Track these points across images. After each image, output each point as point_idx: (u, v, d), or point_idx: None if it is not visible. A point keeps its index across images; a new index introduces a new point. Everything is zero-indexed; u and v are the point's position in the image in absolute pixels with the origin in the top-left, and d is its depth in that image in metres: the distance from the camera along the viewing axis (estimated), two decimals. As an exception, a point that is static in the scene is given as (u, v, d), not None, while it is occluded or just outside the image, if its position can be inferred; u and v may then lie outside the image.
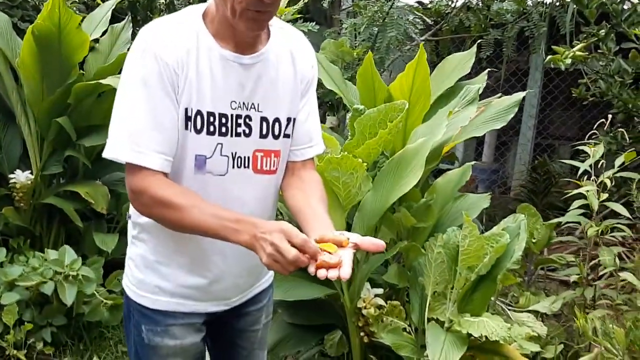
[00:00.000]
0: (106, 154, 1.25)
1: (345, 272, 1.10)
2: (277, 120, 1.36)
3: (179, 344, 1.44)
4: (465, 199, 2.61)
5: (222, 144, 1.29)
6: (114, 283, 2.99)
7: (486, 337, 1.91)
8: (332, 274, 1.09)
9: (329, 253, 1.13)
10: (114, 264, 3.01)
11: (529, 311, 2.71)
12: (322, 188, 1.44)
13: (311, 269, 1.11)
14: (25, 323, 2.62)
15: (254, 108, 1.33)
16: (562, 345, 2.49)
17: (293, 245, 1.10)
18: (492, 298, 2.48)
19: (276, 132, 1.37)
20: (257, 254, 1.15)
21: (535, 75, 5.14)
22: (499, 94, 2.84)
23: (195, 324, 1.46)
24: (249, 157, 1.34)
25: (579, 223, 2.74)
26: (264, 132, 1.35)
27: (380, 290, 2.27)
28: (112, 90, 2.67)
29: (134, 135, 1.23)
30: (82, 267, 2.77)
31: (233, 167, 1.33)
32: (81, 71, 3.09)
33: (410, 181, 2.08)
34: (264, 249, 1.12)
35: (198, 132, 1.27)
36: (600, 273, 2.54)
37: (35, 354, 2.64)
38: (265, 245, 1.12)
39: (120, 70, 1.31)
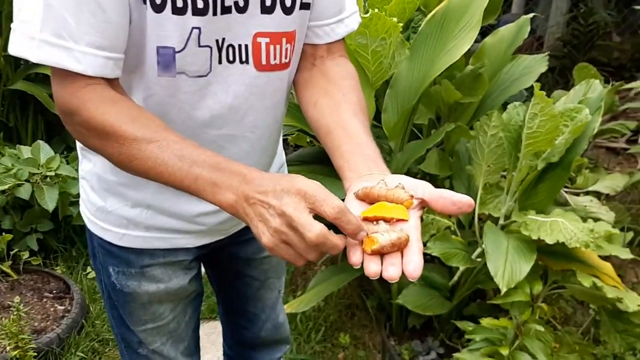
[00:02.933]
0: (11, 49, 0.76)
1: (414, 263, 0.66)
2: None
3: (163, 288, 1.06)
4: (517, 63, 2.10)
5: (199, 28, 0.80)
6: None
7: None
8: (392, 273, 0.65)
9: (384, 221, 0.69)
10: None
11: (587, 192, 2.32)
12: (360, 90, 0.95)
13: (355, 258, 0.67)
14: (4, 234, 2.26)
15: None
16: (631, 233, 2.10)
17: (317, 218, 0.66)
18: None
19: (288, 1, 0.86)
20: (250, 226, 0.71)
21: None
22: None
23: (181, 262, 1.07)
24: (247, 46, 0.85)
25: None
26: (269, 2, 0.84)
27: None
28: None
29: (51, 20, 0.73)
30: (61, 165, 2.36)
31: (220, 62, 0.85)
32: None
33: (462, 45, 1.57)
34: (267, 221, 0.68)
35: (158, 8, 0.77)
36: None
37: (22, 265, 2.31)
38: (269, 215, 0.67)
39: None
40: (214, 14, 0.80)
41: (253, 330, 1.32)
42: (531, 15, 2.04)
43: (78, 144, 1.01)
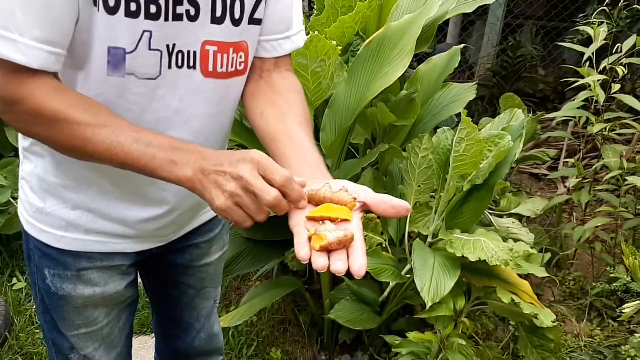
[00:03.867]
0: None
1: (359, 263, 0.71)
2: None
3: (99, 292, 1.07)
4: (448, 90, 2.22)
5: (150, 31, 0.83)
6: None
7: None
8: (338, 267, 0.70)
9: (330, 221, 0.74)
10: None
11: (510, 214, 2.45)
12: (305, 103, 1.00)
13: (303, 253, 0.71)
14: None
15: None
16: (549, 254, 2.24)
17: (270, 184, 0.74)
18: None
19: (237, 15, 0.91)
20: (204, 197, 0.76)
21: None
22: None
23: (119, 266, 1.08)
24: (195, 53, 0.89)
25: (572, 118, 2.41)
26: (219, 13, 0.89)
27: (353, 202, 1.91)
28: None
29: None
30: (-12, 172, 2.28)
31: (170, 66, 0.88)
32: None
33: (397, 70, 1.65)
34: (222, 186, 0.74)
35: (112, 11, 0.80)
36: (599, 174, 2.25)
37: (-59, 276, 2.21)
38: (224, 181, 0.74)
39: None
40: (166, 19, 0.83)
41: (187, 340, 1.33)
42: (462, 45, 2.16)
43: (20, 145, 1.00)
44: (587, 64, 2.21)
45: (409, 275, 1.77)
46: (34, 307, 2.10)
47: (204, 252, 1.22)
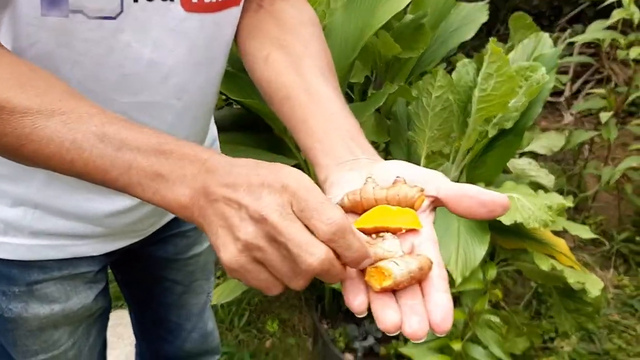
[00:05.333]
0: None
1: (444, 311, 0.43)
2: None
3: (59, 310, 0.79)
4: (457, 12, 1.89)
5: None
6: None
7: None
8: (417, 327, 0.42)
9: (389, 232, 0.47)
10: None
11: (523, 153, 2.20)
12: (325, 41, 0.69)
13: (358, 302, 0.45)
14: None
15: None
16: (570, 198, 2.00)
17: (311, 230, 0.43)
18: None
19: None
20: (207, 233, 0.47)
21: None
22: None
23: (84, 274, 0.80)
24: None
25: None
26: None
27: (355, 153, 1.62)
28: None
29: None
30: None
31: None
32: None
33: (409, -10, 1.32)
34: (233, 227, 0.44)
35: None
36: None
37: None
38: (237, 217, 0.44)
39: None
40: None
41: (176, 342, 1.07)
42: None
43: None
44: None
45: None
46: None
47: (191, 242, 0.95)
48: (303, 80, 0.61)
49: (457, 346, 1.29)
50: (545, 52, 1.52)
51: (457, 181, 1.57)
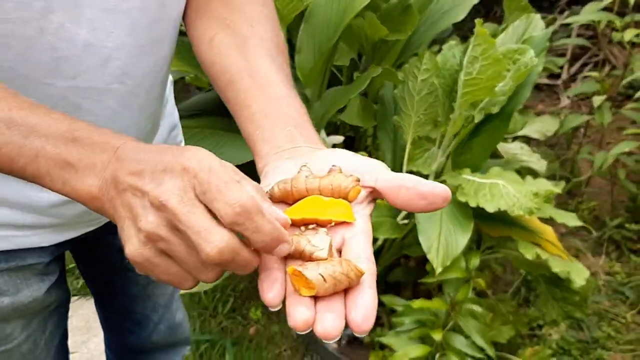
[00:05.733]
0: None
1: (365, 310, 0.40)
2: None
3: (8, 304, 0.75)
4: (446, -8, 1.84)
5: None
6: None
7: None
8: (330, 326, 0.39)
9: (315, 225, 0.45)
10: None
11: (516, 137, 2.15)
12: (276, 20, 0.66)
13: (272, 295, 0.41)
14: None
15: None
16: (562, 183, 1.96)
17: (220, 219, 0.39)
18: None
19: None
20: (118, 229, 0.43)
21: None
22: None
23: (33, 266, 0.76)
24: None
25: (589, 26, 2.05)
26: None
27: (339, 138, 1.58)
28: None
29: None
30: None
31: None
32: None
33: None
34: (136, 217, 0.41)
35: None
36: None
37: None
38: (140, 207, 0.41)
39: None
40: None
41: (142, 334, 1.05)
42: None
43: None
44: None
45: (406, 221, 1.49)
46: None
47: None
48: (248, 63, 0.58)
49: (437, 336, 1.27)
50: (535, 34, 1.47)
51: (443, 167, 1.54)
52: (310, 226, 0.45)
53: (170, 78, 0.85)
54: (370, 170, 0.47)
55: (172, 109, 0.86)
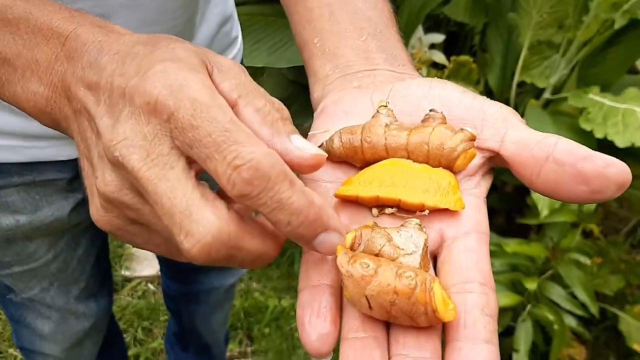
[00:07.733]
0: None
1: None
2: None
3: (26, 222, 0.65)
4: None
5: None
6: None
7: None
8: None
9: (397, 210, 0.28)
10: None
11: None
12: None
13: (315, 342, 0.24)
14: None
15: None
16: None
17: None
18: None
19: None
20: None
21: None
22: None
23: (54, 182, 0.64)
24: None
25: None
26: None
27: (439, 37, 1.32)
28: None
29: None
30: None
31: None
32: None
33: None
34: (94, 168, 0.26)
35: None
36: None
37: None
38: (96, 155, 0.25)
39: None
40: None
41: None
42: None
43: None
44: None
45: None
46: None
47: None
48: None
49: (532, 285, 1.08)
50: None
51: (565, 82, 1.26)
52: (389, 210, 0.28)
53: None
54: (493, 122, 0.28)
55: None
